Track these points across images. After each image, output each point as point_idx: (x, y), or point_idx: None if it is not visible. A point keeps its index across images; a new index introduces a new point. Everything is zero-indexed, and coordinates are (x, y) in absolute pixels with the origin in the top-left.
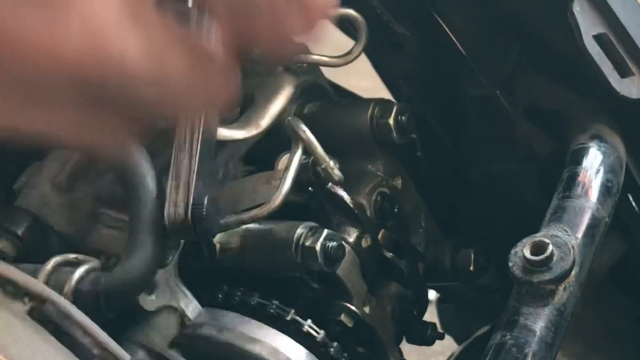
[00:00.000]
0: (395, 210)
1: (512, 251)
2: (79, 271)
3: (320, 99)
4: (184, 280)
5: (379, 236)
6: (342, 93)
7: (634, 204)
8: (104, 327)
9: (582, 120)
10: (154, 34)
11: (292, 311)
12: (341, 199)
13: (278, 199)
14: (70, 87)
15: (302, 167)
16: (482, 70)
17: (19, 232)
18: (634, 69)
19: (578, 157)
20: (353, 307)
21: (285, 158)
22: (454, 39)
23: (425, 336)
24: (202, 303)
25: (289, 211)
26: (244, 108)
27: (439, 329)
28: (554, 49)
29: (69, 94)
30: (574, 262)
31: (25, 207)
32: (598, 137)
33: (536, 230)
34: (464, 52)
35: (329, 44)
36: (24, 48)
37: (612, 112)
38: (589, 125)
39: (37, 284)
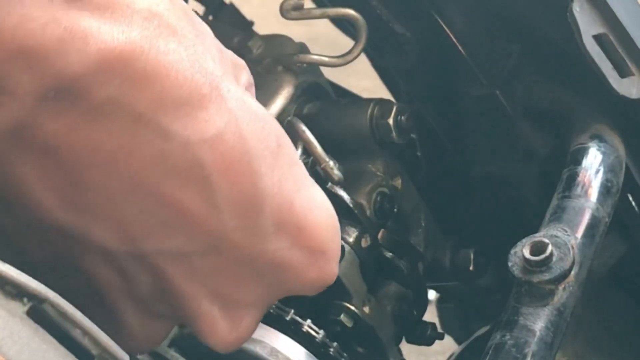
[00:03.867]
0: (395, 210)
1: (512, 251)
2: None
3: (320, 99)
4: None
5: (379, 236)
6: (342, 93)
7: (634, 204)
8: None
9: (582, 120)
10: None
11: (292, 311)
12: (341, 198)
13: None
14: None
15: None
16: (482, 70)
17: None
18: (633, 69)
19: (578, 157)
20: (353, 307)
21: None
22: (454, 39)
23: (425, 336)
24: None
25: None
26: None
27: (439, 329)
28: (554, 49)
29: None
30: (573, 262)
31: None
32: (598, 137)
33: (536, 230)
34: (463, 52)
35: (328, 44)
36: None
37: (612, 112)
38: (589, 125)
39: (37, 284)
